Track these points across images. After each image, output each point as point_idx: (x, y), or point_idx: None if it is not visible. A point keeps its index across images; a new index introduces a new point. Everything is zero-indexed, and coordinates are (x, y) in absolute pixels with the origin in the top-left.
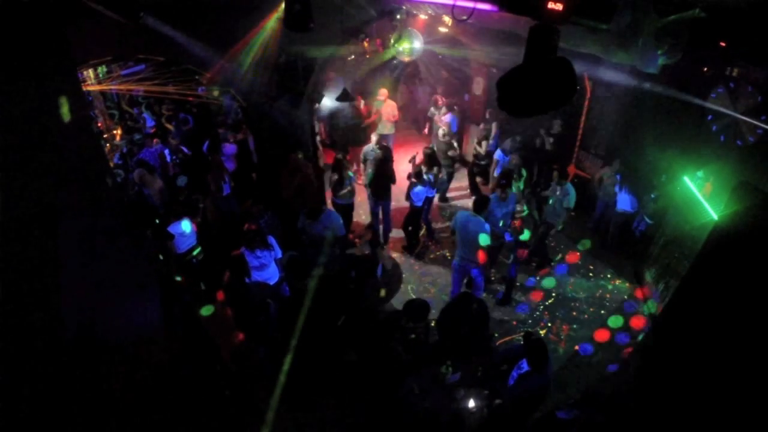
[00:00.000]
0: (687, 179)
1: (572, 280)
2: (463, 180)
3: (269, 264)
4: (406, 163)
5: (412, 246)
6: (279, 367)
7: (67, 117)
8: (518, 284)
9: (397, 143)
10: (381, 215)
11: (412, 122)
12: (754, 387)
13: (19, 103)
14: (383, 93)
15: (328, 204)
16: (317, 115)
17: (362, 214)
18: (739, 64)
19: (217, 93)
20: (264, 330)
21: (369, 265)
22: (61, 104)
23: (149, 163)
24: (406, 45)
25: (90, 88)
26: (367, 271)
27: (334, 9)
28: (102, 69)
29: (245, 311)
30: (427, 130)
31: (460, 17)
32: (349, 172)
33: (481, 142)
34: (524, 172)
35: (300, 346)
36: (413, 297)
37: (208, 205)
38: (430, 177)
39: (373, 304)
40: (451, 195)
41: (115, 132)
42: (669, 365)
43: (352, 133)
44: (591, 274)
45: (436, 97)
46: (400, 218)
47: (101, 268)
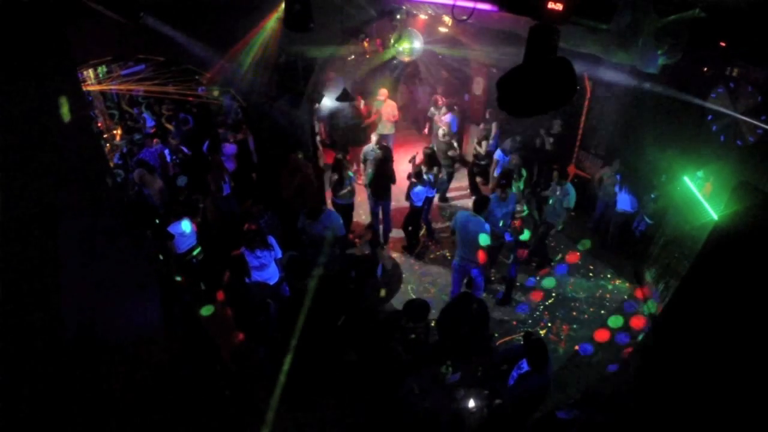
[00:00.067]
0: (687, 179)
1: (572, 280)
2: (463, 180)
3: (269, 264)
4: (406, 163)
5: (412, 246)
6: (279, 367)
7: (67, 117)
8: (518, 284)
9: (397, 143)
10: (381, 215)
11: (412, 122)
12: (754, 387)
13: (19, 103)
14: (383, 93)
15: (328, 204)
16: (317, 115)
17: (362, 214)
18: (739, 64)
19: (217, 93)
20: (264, 330)
21: (369, 265)
22: (61, 104)
23: (149, 163)
24: (406, 45)
25: (90, 88)
26: (367, 271)
27: (334, 9)
28: (102, 69)
29: (245, 311)
30: (427, 130)
31: (460, 17)
32: (349, 172)
33: (481, 142)
34: (524, 172)
35: (300, 346)
36: (413, 297)
37: (208, 205)
38: (430, 177)
39: (373, 304)
40: (451, 195)
41: (115, 132)
42: (669, 365)
43: (352, 133)
44: (591, 274)
45: (436, 97)
46: (400, 218)
47: (101, 268)
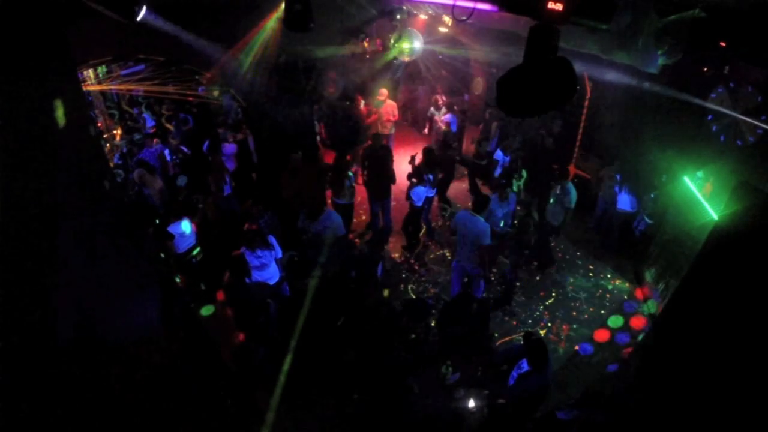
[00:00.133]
0: (687, 179)
1: (572, 280)
2: (463, 180)
3: (270, 264)
4: (406, 163)
5: (412, 246)
6: (279, 367)
7: (62, 121)
8: (518, 284)
9: (397, 143)
10: (381, 215)
11: (412, 122)
12: (754, 386)
13: (19, 103)
14: (383, 93)
15: (328, 204)
16: (317, 115)
17: (362, 214)
18: (739, 64)
19: (217, 93)
20: (264, 330)
21: (369, 265)
22: (56, 107)
23: (149, 163)
24: (406, 45)
25: (90, 88)
26: (367, 271)
27: (334, 9)
28: (102, 69)
29: (245, 311)
30: (427, 130)
31: (460, 17)
32: (349, 172)
33: (481, 142)
34: (524, 172)
35: (300, 345)
36: (413, 297)
37: (208, 205)
38: (430, 177)
39: (374, 304)
40: (451, 195)
41: (115, 132)
42: (669, 365)
43: (352, 133)
44: (591, 274)
45: (436, 97)
46: (400, 218)
47: (101, 268)
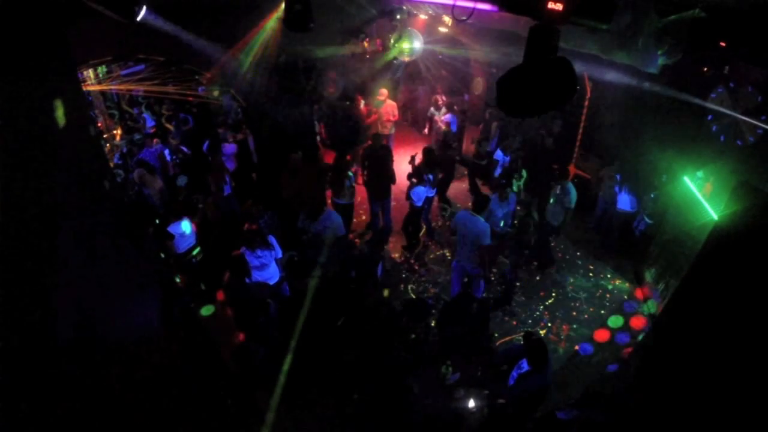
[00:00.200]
0: (687, 179)
1: (572, 280)
2: (463, 180)
3: (270, 264)
4: (406, 163)
5: (412, 246)
6: (279, 367)
7: (62, 121)
8: (518, 284)
9: (397, 143)
10: (381, 215)
11: (412, 122)
12: (754, 386)
13: (19, 103)
14: (383, 93)
15: (328, 204)
16: (317, 115)
17: (362, 214)
18: (739, 64)
19: (217, 93)
20: (264, 330)
21: (369, 265)
22: (56, 107)
23: (149, 163)
24: (406, 45)
25: (90, 88)
26: (367, 271)
27: (334, 9)
28: (102, 69)
29: (245, 311)
30: (427, 130)
31: (460, 17)
32: (349, 172)
33: (481, 142)
34: (524, 173)
35: (300, 345)
36: (413, 297)
37: (208, 205)
38: (430, 177)
39: (374, 304)
40: (451, 195)
41: (115, 132)
42: (669, 365)
43: (352, 133)
44: (591, 274)
45: (436, 97)
46: (400, 218)
47: (101, 268)
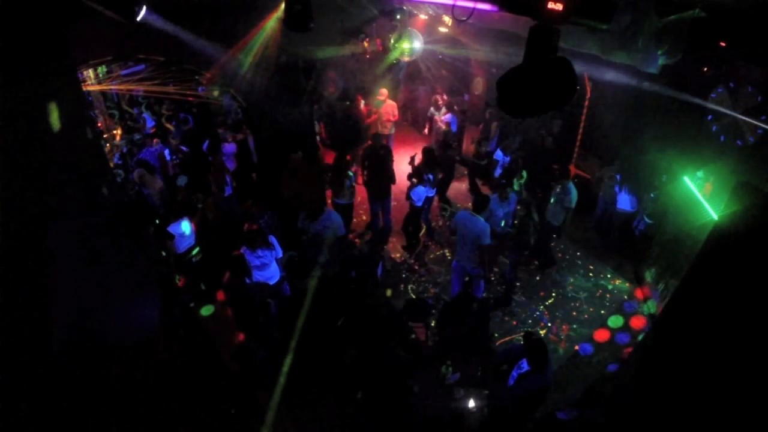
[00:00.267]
0: (687, 179)
1: (572, 280)
2: (463, 180)
3: (270, 263)
4: (406, 163)
5: (412, 246)
6: (279, 367)
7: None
8: (518, 284)
9: (397, 143)
10: (381, 215)
11: (412, 122)
12: (754, 386)
13: (19, 103)
14: (383, 93)
15: (328, 204)
16: (317, 115)
17: (362, 214)
18: (739, 64)
19: (217, 93)
20: (264, 330)
21: (369, 265)
22: (56, 107)
23: (149, 163)
24: (406, 45)
25: (90, 88)
26: (367, 271)
27: (334, 9)
28: (102, 69)
29: (245, 311)
30: (427, 130)
31: (460, 17)
32: (349, 172)
33: (481, 142)
34: (525, 173)
35: (300, 345)
36: (413, 297)
37: (208, 205)
38: (430, 177)
39: (374, 304)
40: (451, 195)
41: (115, 132)
42: (669, 365)
43: (352, 133)
44: (591, 274)
45: (436, 98)
46: (400, 218)
47: (101, 268)
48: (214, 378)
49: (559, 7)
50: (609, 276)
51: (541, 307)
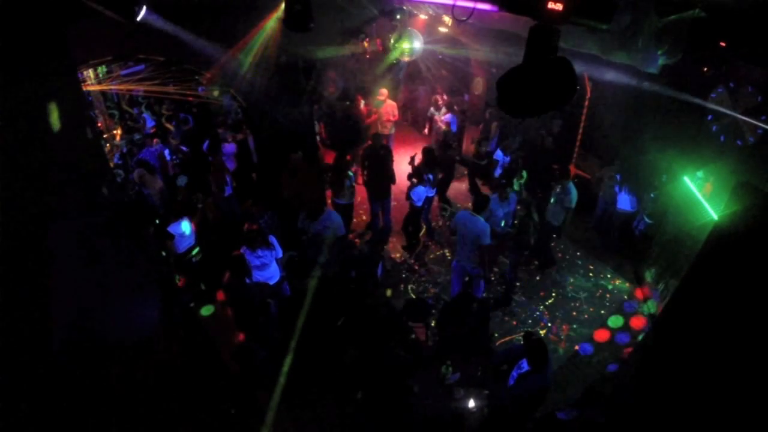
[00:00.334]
0: (687, 179)
1: (572, 280)
2: (463, 180)
3: (270, 263)
4: (406, 163)
5: (412, 246)
6: (279, 367)
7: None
8: (518, 284)
9: (397, 143)
10: (381, 215)
11: (412, 122)
12: (754, 386)
13: (19, 103)
14: (383, 93)
15: (328, 204)
16: (317, 115)
17: (362, 214)
18: (739, 64)
19: (217, 93)
20: (264, 330)
21: (369, 265)
22: (56, 108)
23: (149, 163)
24: (406, 45)
25: (90, 88)
26: (367, 271)
27: (334, 9)
28: (102, 69)
29: (245, 311)
30: (427, 130)
31: (460, 17)
32: (349, 172)
33: (481, 142)
34: (525, 173)
35: (300, 345)
36: (413, 297)
37: (208, 205)
38: (430, 177)
39: (374, 304)
40: (451, 195)
41: (115, 132)
42: (669, 365)
43: (352, 133)
44: (591, 274)
45: (436, 98)
46: (400, 218)
47: (101, 268)
48: (214, 378)
49: (559, 7)
50: (609, 276)
51: (541, 307)
